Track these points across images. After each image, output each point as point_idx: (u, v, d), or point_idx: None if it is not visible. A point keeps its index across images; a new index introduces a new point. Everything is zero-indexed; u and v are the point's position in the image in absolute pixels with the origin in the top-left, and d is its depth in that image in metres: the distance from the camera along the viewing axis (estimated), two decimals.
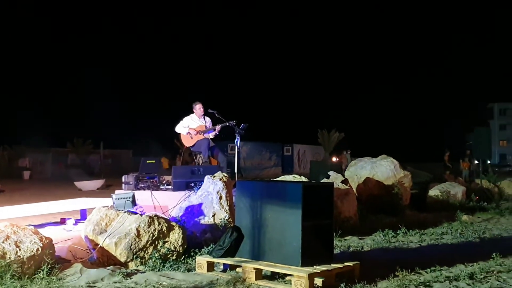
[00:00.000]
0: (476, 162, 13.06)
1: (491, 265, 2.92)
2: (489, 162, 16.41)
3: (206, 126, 5.27)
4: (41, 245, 2.55)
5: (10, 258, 2.47)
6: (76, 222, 3.95)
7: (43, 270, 2.49)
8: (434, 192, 7.44)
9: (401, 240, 4.37)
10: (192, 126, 5.21)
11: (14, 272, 2.41)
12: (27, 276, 2.46)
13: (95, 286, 2.45)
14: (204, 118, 5.34)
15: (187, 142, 5.30)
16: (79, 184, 11.15)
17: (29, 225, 2.89)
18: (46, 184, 13.97)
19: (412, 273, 2.67)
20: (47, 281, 2.42)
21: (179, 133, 5.36)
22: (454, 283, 2.56)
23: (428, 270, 2.77)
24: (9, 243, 2.52)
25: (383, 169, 6.44)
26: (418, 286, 2.48)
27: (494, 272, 2.76)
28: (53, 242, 2.67)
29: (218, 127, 5.19)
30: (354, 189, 5.72)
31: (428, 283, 2.54)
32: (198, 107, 5.31)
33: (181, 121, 5.34)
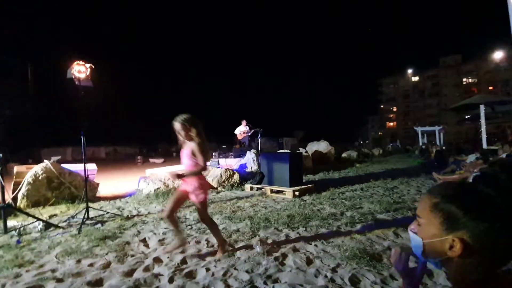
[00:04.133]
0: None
1: (370, 184, 6.37)
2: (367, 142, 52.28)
3: (247, 131, 9.90)
4: (182, 181, 6.06)
5: (170, 187, 5.96)
6: None
7: None
8: (345, 154, 14.40)
9: (331, 175, 8.24)
10: (241, 130, 10.41)
11: (172, 192, 5.85)
12: None
13: None
14: (246, 127, 9.98)
15: (239, 136, 10.51)
16: None
17: None
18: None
19: (336, 188, 6.08)
20: None
21: (236, 133, 10.29)
22: (354, 192, 5.90)
23: (343, 187, 6.16)
24: (169, 181, 5.99)
25: (323, 146, 11.72)
26: (339, 194, 5.77)
27: (371, 187, 6.21)
28: None
29: (250, 132, 9.83)
30: (310, 155, 10.33)
31: (342, 192, 5.85)
32: (244, 123, 10.37)
33: (237, 128, 10.49)
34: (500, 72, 57.95)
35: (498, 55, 58.88)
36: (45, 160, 5.43)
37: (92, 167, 6.23)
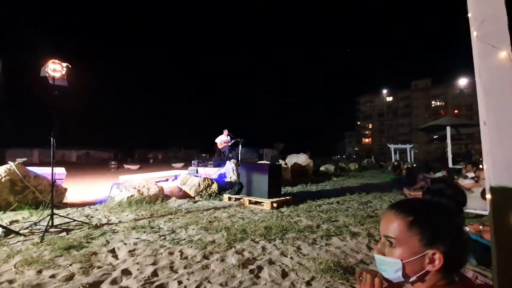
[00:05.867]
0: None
1: (345, 198, 6.54)
2: (344, 156, 49.14)
3: (228, 141, 9.86)
4: (158, 189, 5.83)
5: (144, 194, 5.78)
6: (173, 180, 7.39)
7: (159, 200, 5.82)
8: (322, 168, 14.76)
9: (309, 188, 8.39)
10: (222, 140, 10.27)
11: (146, 200, 5.68)
12: (151, 202, 5.74)
13: (181, 206, 5.76)
14: (227, 136, 9.93)
15: (220, 146, 10.36)
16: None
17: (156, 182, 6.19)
18: (160, 165, 23.66)
19: (313, 201, 6.16)
20: (160, 204, 5.69)
21: (217, 142, 10.15)
22: (331, 205, 6.01)
23: (320, 200, 6.26)
24: (144, 188, 5.81)
25: (302, 159, 11.96)
26: (316, 206, 5.84)
27: (347, 200, 6.36)
28: (164, 188, 5.98)
29: (231, 142, 9.83)
30: (290, 167, 10.47)
31: (319, 205, 5.93)
32: (225, 132, 10.24)
33: (218, 137, 10.39)
34: (465, 98, 62.82)
35: (463, 81, 64.02)
36: (9, 162, 5.06)
37: (60, 171, 5.89)
